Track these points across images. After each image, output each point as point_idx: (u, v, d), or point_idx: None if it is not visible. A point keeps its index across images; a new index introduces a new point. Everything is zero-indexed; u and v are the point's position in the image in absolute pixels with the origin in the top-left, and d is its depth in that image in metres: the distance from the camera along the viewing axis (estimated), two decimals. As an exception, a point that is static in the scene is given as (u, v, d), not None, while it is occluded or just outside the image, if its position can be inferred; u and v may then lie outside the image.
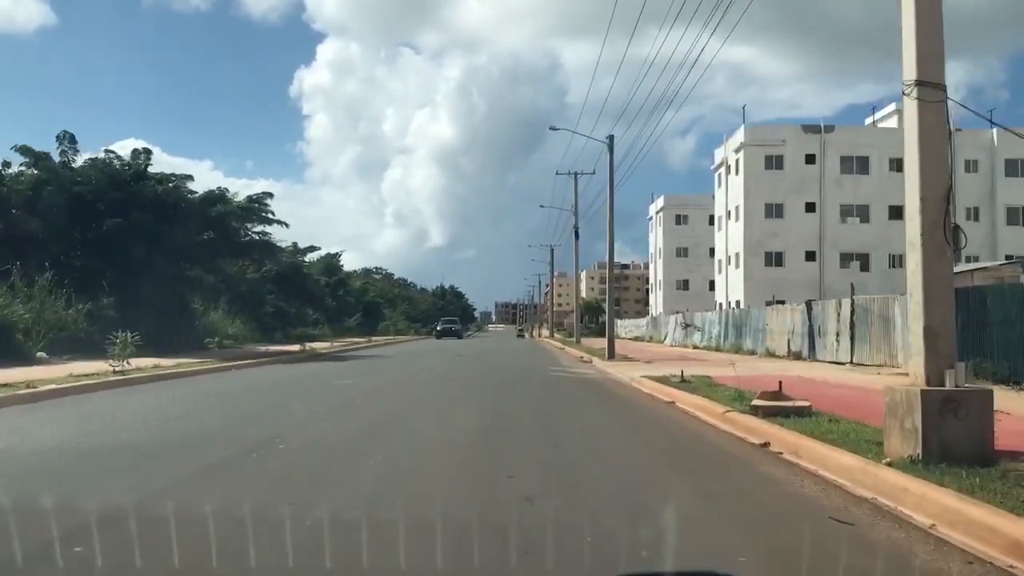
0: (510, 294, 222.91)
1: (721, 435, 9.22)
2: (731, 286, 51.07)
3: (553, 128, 29.09)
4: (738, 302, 48.97)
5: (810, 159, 48.22)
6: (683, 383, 15.56)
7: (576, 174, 48.74)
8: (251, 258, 30.79)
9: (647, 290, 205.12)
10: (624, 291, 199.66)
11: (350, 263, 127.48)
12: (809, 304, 26.63)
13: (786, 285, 47.48)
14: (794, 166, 48.26)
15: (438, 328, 69.95)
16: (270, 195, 30.32)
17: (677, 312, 52.52)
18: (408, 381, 17.10)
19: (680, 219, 73.36)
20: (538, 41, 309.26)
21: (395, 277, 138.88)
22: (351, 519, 4.55)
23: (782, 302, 43.80)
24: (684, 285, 72.61)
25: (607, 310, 28.60)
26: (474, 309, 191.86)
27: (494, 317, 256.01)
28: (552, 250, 76.71)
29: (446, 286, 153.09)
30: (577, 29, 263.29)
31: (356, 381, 16.70)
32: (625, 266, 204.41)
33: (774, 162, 48.20)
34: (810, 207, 48.28)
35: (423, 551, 3.96)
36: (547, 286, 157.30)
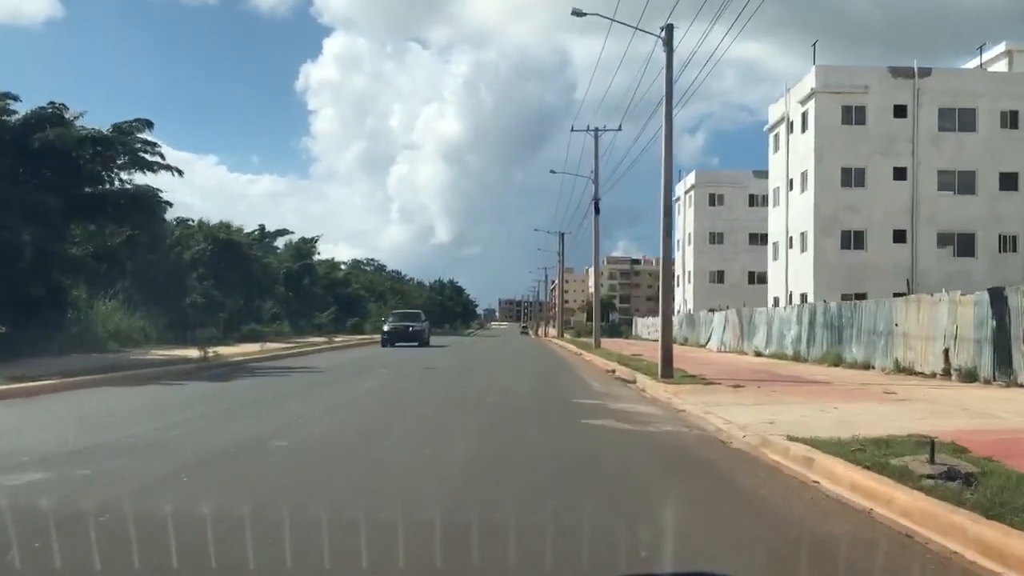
0: (515, 292, 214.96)
1: None
2: (794, 275, 41.02)
3: (577, 12, 19.05)
4: (803, 295, 38.98)
5: (900, 111, 38.14)
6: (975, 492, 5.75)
7: (596, 130, 38.93)
8: (108, 216, 20.78)
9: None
10: (635, 287, 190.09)
11: (351, 258, 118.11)
12: (998, 292, 16.62)
13: (869, 273, 37.54)
14: (879, 120, 38.23)
15: (385, 329, 39.54)
16: (148, 124, 20.44)
17: (713, 309, 42.57)
18: (241, 468, 6.98)
19: (714, 199, 63.34)
20: (547, 36, 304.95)
21: (388, 269, 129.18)
22: None
23: (863, 295, 33.91)
24: (718, 277, 62.66)
25: (661, 298, 18.66)
26: (476, 305, 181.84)
27: (498, 315, 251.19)
28: (562, 237, 66.96)
29: (445, 280, 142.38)
30: (586, 24, 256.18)
31: (55, 476, 6.61)
32: (636, 261, 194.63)
33: (854, 115, 38.15)
34: (900, 173, 38.22)
35: None
36: (554, 281, 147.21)
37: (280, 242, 60.86)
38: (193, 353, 22.85)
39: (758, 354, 30.88)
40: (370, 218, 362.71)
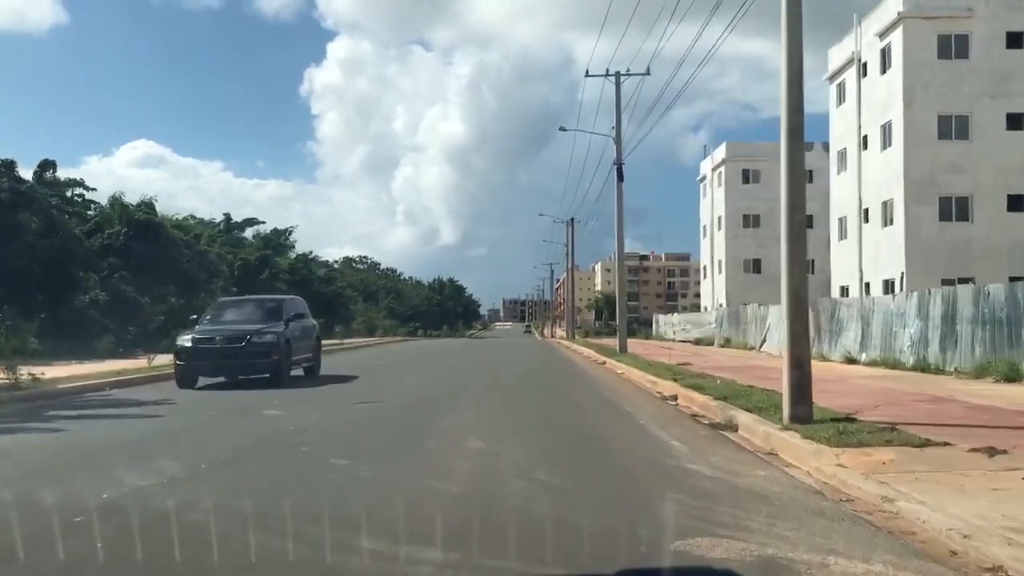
0: (520, 293, 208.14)
1: None
2: (872, 256, 32.50)
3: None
4: (889, 282, 30.58)
5: (1014, 40, 29.64)
6: None
7: (618, 74, 30.61)
8: None
9: (671, 283, 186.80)
10: (644, 284, 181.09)
11: (343, 256, 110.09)
12: None
13: (977, 250, 29.14)
14: (988, 52, 29.74)
15: (181, 344, 16.04)
16: None
17: (746, 303, 34.16)
18: None
19: (749, 176, 54.84)
20: (550, 36, 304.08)
21: (382, 267, 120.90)
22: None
23: (968, 279, 25.66)
24: (754, 266, 54.16)
25: (784, 262, 9.99)
26: (478, 305, 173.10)
27: (502, 314, 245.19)
28: (572, 223, 58.69)
29: (445, 279, 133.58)
30: (591, 23, 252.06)
31: None
32: (644, 256, 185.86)
33: (953, 46, 29.65)
34: (1015, 121, 29.66)
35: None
36: (558, 280, 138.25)
37: (252, 233, 53.07)
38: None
39: (850, 360, 22.60)
40: (375, 221, 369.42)
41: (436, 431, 9.33)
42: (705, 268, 60.48)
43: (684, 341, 45.01)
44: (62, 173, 30.38)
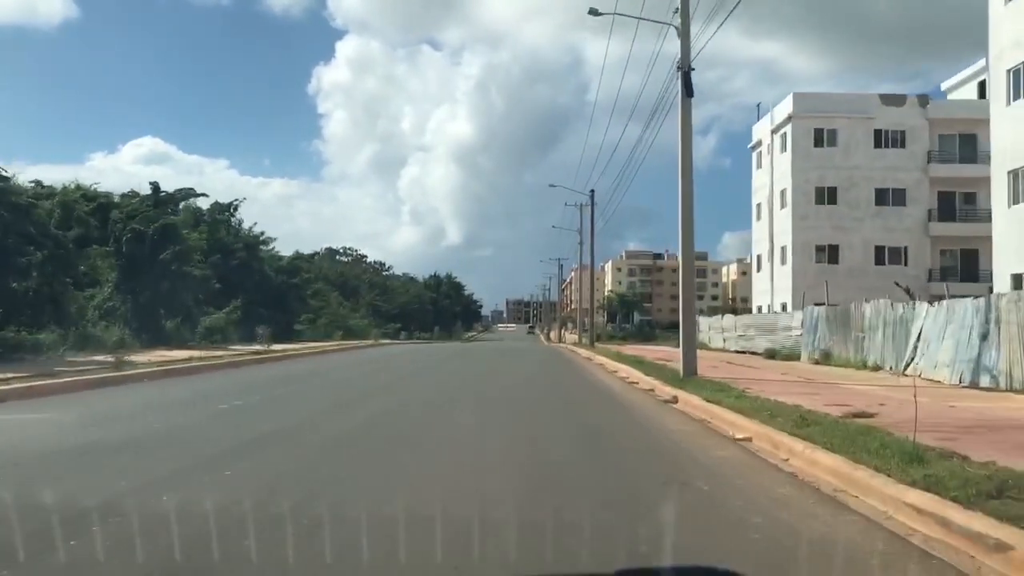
0: (525, 293, 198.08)
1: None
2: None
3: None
4: None
5: None
6: None
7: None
8: None
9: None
10: (658, 285, 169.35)
11: (325, 247, 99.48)
12: None
13: None
14: None
15: None
16: None
17: (840, 301, 22.74)
18: None
19: (822, 138, 43.07)
20: (560, 36, 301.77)
21: (369, 260, 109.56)
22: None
23: None
24: (829, 254, 42.46)
25: None
26: (479, 305, 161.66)
27: (505, 316, 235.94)
28: (592, 197, 47.18)
29: (442, 276, 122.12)
30: (599, 24, 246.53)
31: None
32: (658, 256, 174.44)
33: None
34: None
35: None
36: (566, 281, 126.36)
37: (184, 207, 41.79)
38: None
39: None
40: (381, 220, 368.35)
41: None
42: (760, 257, 48.67)
43: (743, 352, 33.50)
44: (65, 170, 18.99)
